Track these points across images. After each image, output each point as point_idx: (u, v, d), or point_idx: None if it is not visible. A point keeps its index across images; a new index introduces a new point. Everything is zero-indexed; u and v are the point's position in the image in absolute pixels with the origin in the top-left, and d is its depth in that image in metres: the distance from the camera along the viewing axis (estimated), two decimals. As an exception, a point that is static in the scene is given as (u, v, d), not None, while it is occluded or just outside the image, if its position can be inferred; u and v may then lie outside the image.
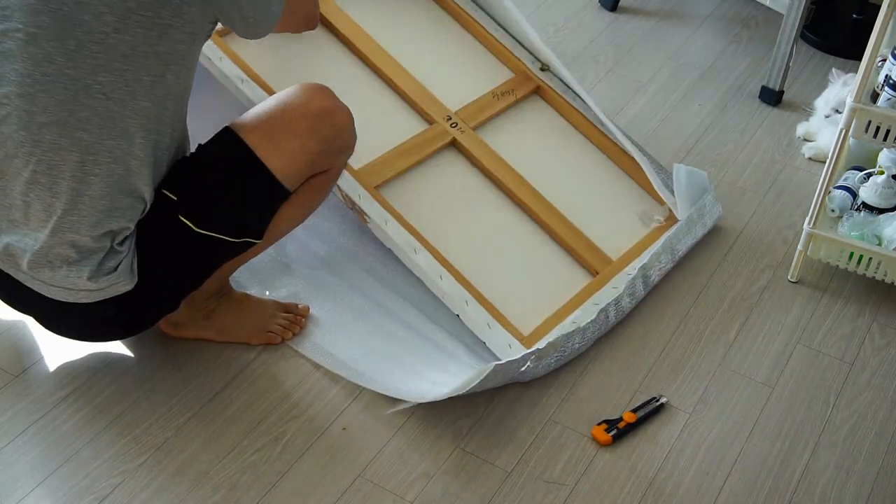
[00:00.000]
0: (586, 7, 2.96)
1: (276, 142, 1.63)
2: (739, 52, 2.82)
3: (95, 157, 1.51)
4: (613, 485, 1.68)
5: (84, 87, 1.48)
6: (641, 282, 1.97)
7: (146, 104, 1.52)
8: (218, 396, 1.78)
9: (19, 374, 1.79)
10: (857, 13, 2.89)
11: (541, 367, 1.80)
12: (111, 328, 1.72)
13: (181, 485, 1.63)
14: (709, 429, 1.79)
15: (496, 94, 2.18)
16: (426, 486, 1.66)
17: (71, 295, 1.59)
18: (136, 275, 1.60)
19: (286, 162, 1.64)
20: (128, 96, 1.50)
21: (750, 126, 2.54)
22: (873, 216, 2.08)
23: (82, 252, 1.54)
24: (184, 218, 1.60)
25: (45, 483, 1.63)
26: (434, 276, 1.87)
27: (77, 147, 1.50)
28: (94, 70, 1.47)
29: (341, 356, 1.85)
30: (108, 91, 1.48)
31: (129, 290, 1.60)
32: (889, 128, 1.86)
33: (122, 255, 1.57)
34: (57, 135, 1.49)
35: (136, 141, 1.53)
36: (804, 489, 1.70)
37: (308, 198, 1.75)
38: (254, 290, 1.95)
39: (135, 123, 1.52)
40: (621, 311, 1.93)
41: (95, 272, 1.56)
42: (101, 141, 1.50)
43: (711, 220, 2.16)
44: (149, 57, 1.49)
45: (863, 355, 1.95)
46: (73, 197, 1.52)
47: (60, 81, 1.47)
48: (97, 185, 1.52)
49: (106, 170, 1.52)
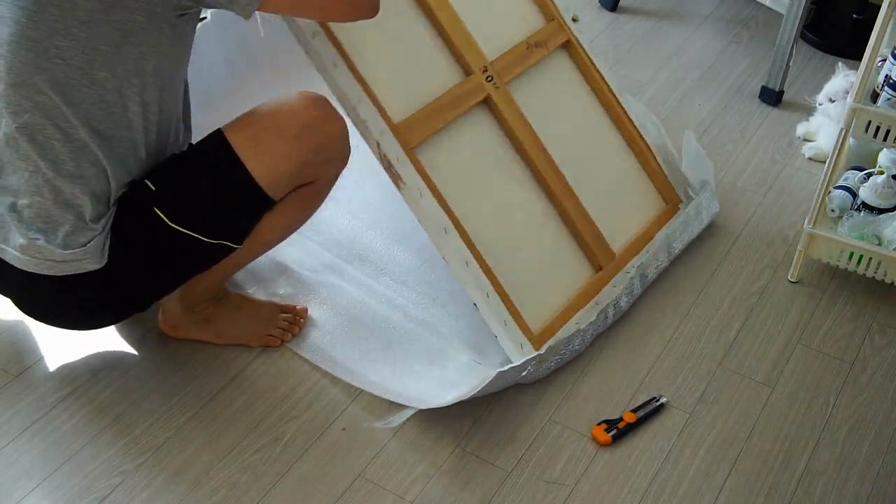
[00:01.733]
0: (586, 7, 2.96)
1: (261, 146, 1.60)
2: (739, 52, 2.82)
3: (55, 121, 1.51)
4: (613, 485, 1.68)
5: (44, 50, 1.47)
6: (639, 281, 1.97)
7: (104, 74, 1.50)
8: (218, 396, 1.78)
9: (19, 374, 1.79)
10: (857, 13, 2.90)
11: (541, 370, 1.81)
12: (78, 312, 1.71)
13: (181, 485, 1.63)
14: (709, 429, 1.79)
15: (530, 44, 2.08)
16: (426, 486, 1.66)
17: (37, 264, 1.57)
18: (106, 256, 1.59)
19: (269, 167, 1.61)
20: (85, 64, 1.49)
21: (750, 126, 2.54)
22: (873, 216, 2.08)
23: (48, 221, 1.54)
24: (158, 210, 1.59)
25: (45, 483, 1.63)
26: (460, 261, 1.80)
27: (39, 110, 1.50)
28: (53, 33, 1.47)
29: (340, 357, 1.85)
30: (65, 56, 1.48)
31: (95, 268, 1.59)
32: (889, 128, 1.86)
33: (95, 232, 1.57)
34: (21, 96, 1.50)
35: (93, 112, 1.52)
36: (804, 489, 1.70)
37: (295, 208, 1.72)
38: (252, 291, 1.96)
39: (92, 93, 1.50)
40: (619, 311, 1.94)
41: (63, 244, 1.55)
42: (60, 106, 1.50)
43: (708, 216, 2.16)
44: (102, 25, 1.47)
45: (863, 355, 1.95)
46: (37, 159, 1.52)
47: (24, 43, 1.47)
48: (59, 150, 1.52)
49: (64, 135, 1.51)
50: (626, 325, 1.96)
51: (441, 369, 1.83)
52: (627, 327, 1.96)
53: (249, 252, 1.74)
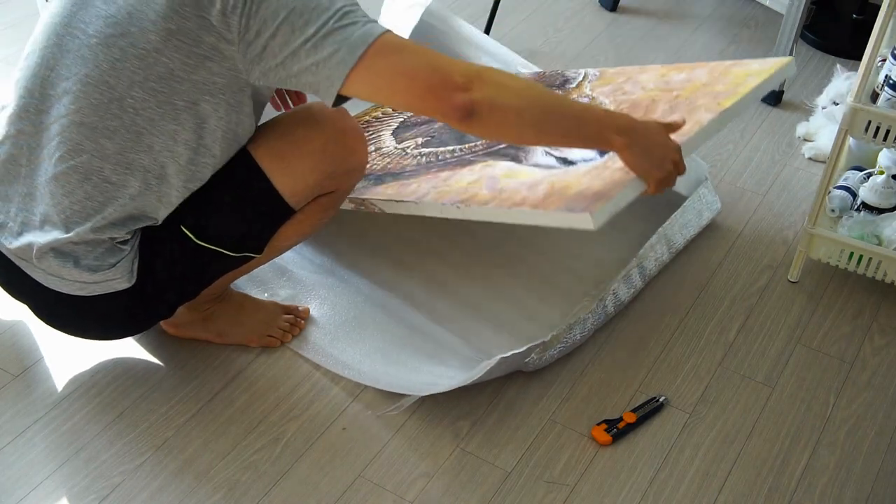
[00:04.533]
0: (586, 7, 2.97)
1: (286, 160, 1.61)
2: (739, 52, 2.82)
3: (115, 167, 1.51)
4: (613, 485, 1.68)
5: (118, 98, 1.48)
6: (638, 272, 1.97)
7: (174, 127, 1.51)
8: (218, 396, 1.78)
9: (19, 374, 1.79)
10: (857, 13, 2.90)
11: (544, 359, 1.81)
12: (102, 326, 1.71)
13: (181, 485, 1.63)
14: (709, 429, 1.79)
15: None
16: (426, 486, 1.66)
17: (66, 285, 1.58)
18: (135, 275, 1.60)
19: (294, 181, 1.62)
20: (157, 116, 1.50)
21: (750, 126, 2.54)
22: (873, 216, 2.08)
23: (79, 251, 1.55)
24: (185, 228, 1.60)
25: (45, 483, 1.63)
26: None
27: (99, 153, 1.50)
28: (131, 84, 1.48)
29: (342, 356, 1.85)
30: (139, 107, 1.49)
31: (124, 289, 1.60)
32: (889, 128, 1.86)
33: (124, 253, 1.57)
34: (83, 136, 1.50)
35: (159, 160, 1.52)
36: (804, 489, 1.70)
37: (312, 216, 1.74)
38: (254, 292, 1.96)
39: (159, 143, 1.51)
40: (619, 303, 1.94)
41: (94, 266, 1.56)
42: (123, 153, 1.51)
43: (710, 213, 2.16)
44: (183, 83, 1.48)
45: (863, 355, 1.95)
46: (84, 199, 1.52)
47: (99, 87, 1.48)
48: (110, 193, 1.52)
49: (121, 180, 1.52)
50: (626, 325, 1.96)
51: (443, 365, 1.83)
52: (627, 327, 1.96)
53: (264, 257, 1.75)
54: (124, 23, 1.47)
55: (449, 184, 1.85)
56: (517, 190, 1.71)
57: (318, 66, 1.44)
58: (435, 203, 1.77)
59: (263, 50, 1.46)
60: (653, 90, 1.95)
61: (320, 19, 1.42)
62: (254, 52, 1.47)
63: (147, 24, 1.45)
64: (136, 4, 1.46)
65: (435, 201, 1.77)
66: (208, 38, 1.46)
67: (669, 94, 1.91)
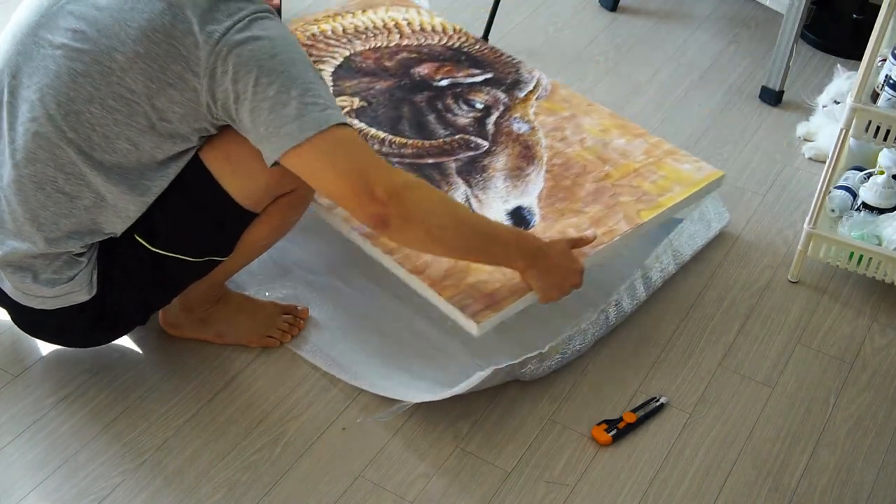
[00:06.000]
0: (586, 7, 2.96)
1: (234, 162, 1.57)
2: (739, 52, 2.82)
3: (68, 177, 1.51)
4: (613, 485, 1.68)
5: (76, 112, 1.49)
6: (642, 283, 1.97)
7: (127, 146, 1.51)
8: (218, 396, 1.78)
9: (19, 374, 1.79)
10: (857, 13, 2.90)
11: (542, 370, 1.80)
12: (75, 335, 1.72)
13: (181, 485, 1.63)
14: (709, 429, 1.79)
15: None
16: (426, 486, 1.66)
17: (28, 300, 1.59)
18: (95, 286, 1.59)
19: (245, 183, 1.59)
20: (112, 134, 1.50)
21: (750, 126, 2.54)
22: (873, 216, 2.08)
23: (36, 259, 1.55)
24: (138, 237, 1.59)
25: (45, 483, 1.62)
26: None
27: (53, 163, 1.51)
28: (90, 99, 1.48)
29: (340, 358, 1.85)
30: (95, 122, 1.49)
31: (86, 300, 1.60)
32: (889, 128, 1.86)
33: (82, 265, 1.57)
34: (38, 146, 1.50)
35: (111, 177, 1.52)
36: (804, 489, 1.70)
37: (279, 216, 1.70)
38: (253, 291, 1.95)
39: (112, 160, 1.51)
40: (622, 313, 1.93)
41: (51, 280, 1.56)
42: (77, 163, 1.51)
43: (718, 224, 2.16)
44: (143, 105, 1.48)
45: (863, 355, 1.95)
46: (38, 209, 1.52)
47: (57, 98, 1.49)
48: (63, 205, 1.52)
49: (76, 191, 1.52)
50: (626, 326, 1.96)
51: (441, 370, 1.83)
52: (627, 327, 1.96)
53: (240, 258, 1.74)
54: (93, 39, 1.47)
55: None
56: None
57: (268, 129, 1.46)
58: (343, 224, 1.83)
59: (225, 93, 1.47)
60: (590, 148, 2.07)
61: (285, 86, 1.45)
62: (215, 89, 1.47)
63: (116, 43, 1.46)
64: (109, 23, 1.46)
65: (344, 221, 1.83)
66: (175, 66, 1.46)
67: (601, 165, 2.02)
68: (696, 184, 1.99)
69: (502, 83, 2.23)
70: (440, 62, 2.28)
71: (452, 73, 2.24)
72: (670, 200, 1.95)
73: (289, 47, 1.48)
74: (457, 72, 2.25)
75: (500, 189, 1.97)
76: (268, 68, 1.45)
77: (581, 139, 2.09)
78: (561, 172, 2.01)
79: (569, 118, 2.15)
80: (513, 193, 1.97)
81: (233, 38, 1.45)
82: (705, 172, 2.03)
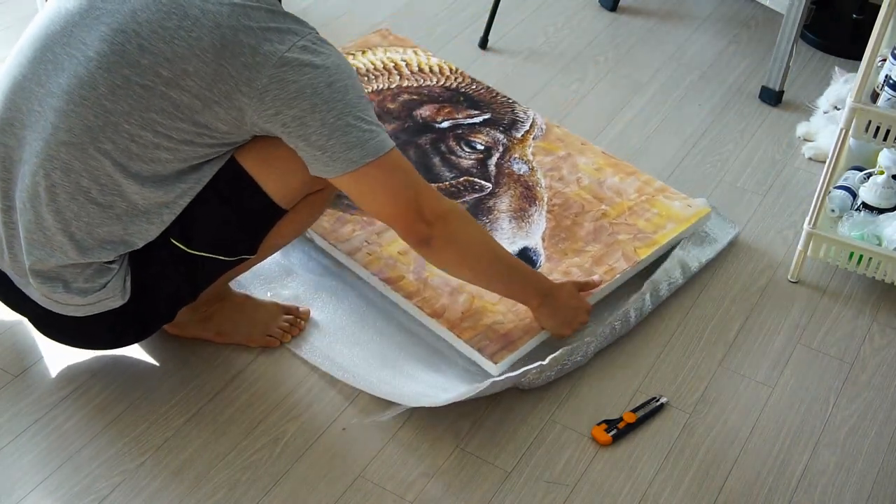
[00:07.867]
0: (586, 7, 2.96)
1: (271, 163, 1.60)
2: (739, 52, 2.82)
3: (102, 187, 1.51)
4: (613, 485, 1.68)
5: (113, 124, 1.48)
6: (650, 297, 1.96)
7: (166, 156, 1.51)
8: (218, 396, 1.78)
9: (19, 374, 1.79)
10: (857, 13, 2.89)
11: (541, 379, 1.80)
12: (103, 339, 1.72)
13: (181, 485, 1.63)
14: (709, 429, 1.79)
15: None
16: (426, 486, 1.66)
17: (61, 308, 1.60)
18: (129, 291, 1.60)
19: (282, 183, 1.62)
20: (151, 144, 1.50)
21: (750, 126, 2.54)
22: (873, 216, 2.08)
23: (66, 269, 1.55)
24: (174, 240, 1.59)
25: (45, 483, 1.63)
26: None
27: (88, 174, 1.50)
28: (130, 112, 1.48)
29: (340, 360, 1.84)
30: (134, 135, 1.49)
31: (119, 305, 1.60)
32: (889, 128, 1.86)
33: (113, 271, 1.57)
34: (72, 157, 1.50)
35: (146, 185, 1.52)
36: (804, 489, 1.70)
37: (304, 214, 1.74)
38: (255, 291, 1.95)
39: (148, 170, 1.51)
40: (627, 325, 1.93)
41: (83, 289, 1.56)
42: (112, 174, 1.51)
43: (725, 237, 2.15)
44: (185, 121, 1.49)
45: (863, 355, 1.95)
46: (70, 218, 1.52)
47: (94, 109, 1.48)
48: (96, 215, 1.52)
49: (109, 201, 1.52)
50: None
51: (439, 374, 1.83)
52: (627, 327, 1.96)
53: (260, 255, 1.75)
54: (134, 52, 1.46)
55: (381, 243, 1.97)
56: (440, 291, 1.90)
57: (325, 152, 1.51)
58: (363, 270, 1.93)
59: (275, 115, 1.49)
60: (586, 187, 2.16)
61: (342, 115, 1.50)
62: (264, 111, 1.49)
63: (161, 59, 1.45)
64: (150, 37, 1.46)
65: (364, 267, 1.93)
66: (223, 85, 1.46)
67: (598, 205, 2.11)
68: (687, 220, 2.09)
69: (500, 124, 2.29)
70: (440, 103, 2.34)
71: (453, 115, 2.30)
72: (664, 238, 2.04)
73: (342, 74, 1.51)
74: (457, 113, 2.31)
75: (507, 230, 2.03)
76: (325, 96, 1.48)
77: (577, 178, 2.17)
78: (561, 212, 2.09)
79: (564, 157, 2.23)
80: (518, 234, 2.03)
81: (291, 62, 1.47)
82: (694, 210, 2.12)
